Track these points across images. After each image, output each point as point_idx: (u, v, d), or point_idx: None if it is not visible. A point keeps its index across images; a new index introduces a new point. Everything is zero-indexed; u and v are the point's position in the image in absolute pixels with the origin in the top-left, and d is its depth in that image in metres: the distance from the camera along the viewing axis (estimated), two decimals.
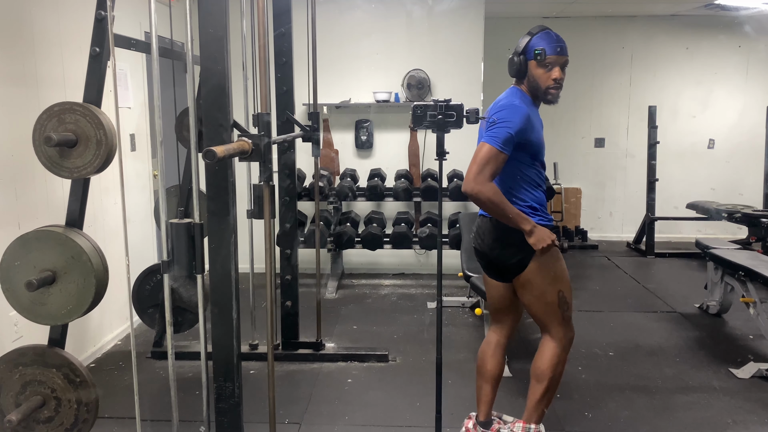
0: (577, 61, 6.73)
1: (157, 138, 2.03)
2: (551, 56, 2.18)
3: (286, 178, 3.45)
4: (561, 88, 2.23)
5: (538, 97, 2.25)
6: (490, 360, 2.49)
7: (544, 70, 2.19)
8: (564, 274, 2.30)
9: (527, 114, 2.17)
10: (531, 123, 2.18)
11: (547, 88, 2.20)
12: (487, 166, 2.12)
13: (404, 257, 5.42)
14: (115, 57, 2.03)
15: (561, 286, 2.28)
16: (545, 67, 2.19)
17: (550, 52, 2.17)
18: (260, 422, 2.67)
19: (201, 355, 2.17)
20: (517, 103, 2.20)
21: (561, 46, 2.20)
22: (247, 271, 3.39)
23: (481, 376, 2.52)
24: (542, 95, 2.23)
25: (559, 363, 2.35)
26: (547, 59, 2.18)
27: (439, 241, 2.35)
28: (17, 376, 2.20)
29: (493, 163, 2.12)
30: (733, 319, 4.15)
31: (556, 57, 2.18)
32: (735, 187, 6.57)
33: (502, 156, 2.13)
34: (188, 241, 1.98)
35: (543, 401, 2.37)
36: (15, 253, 2.12)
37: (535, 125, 2.22)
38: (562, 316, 2.31)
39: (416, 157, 5.20)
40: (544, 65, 2.19)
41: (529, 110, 2.20)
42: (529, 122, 2.17)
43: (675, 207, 6.40)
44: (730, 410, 2.92)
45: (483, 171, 2.12)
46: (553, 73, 2.19)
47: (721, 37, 6.37)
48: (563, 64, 2.21)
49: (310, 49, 3.32)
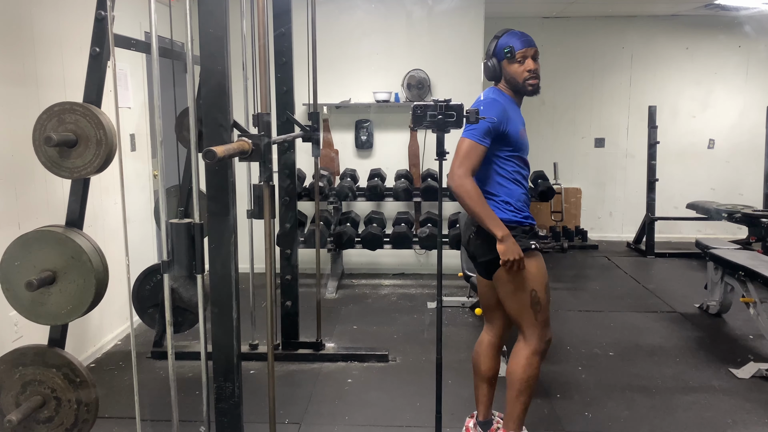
0: (577, 61, 6.76)
1: (157, 138, 2.03)
2: (520, 50, 2.26)
3: (286, 178, 3.45)
4: (538, 78, 2.29)
5: (520, 92, 2.31)
6: (484, 360, 2.50)
7: (517, 65, 2.26)
8: (539, 275, 2.28)
9: (503, 107, 2.25)
10: (507, 116, 2.25)
11: (525, 81, 2.27)
12: (467, 159, 2.20)
13: (404, 257, 5.42)
14: (115, 57, 2.03)
15: (535, 286, 2.26)
16: (518, 62, 2.26)
17: (518, 47, 2.26)
18: (260, 422, 2.67)
19: (201, 355, 2.17)
20: (494, 97, 2.30)
21: (527, 38, 2.28)
22: (247, 271, 3.39)
23: (476, 376, 2.53)
24: (522, 89, 2.29)
25: (530, 366, 2.30)
26: (516, 54, 2.25)
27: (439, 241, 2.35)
28: (17, 376, 2.20)
29: (473, 156, 2.20)
30: (733, 319, 4.15)
31: (525, 50, 2.26)
32: (735, 187, 6.57)
33: (480, 148, 2.21)
34: (188, 241, 1.98)
35: (516, 406, 2.34)
36: (15, 253, 2.12)
37: (513, 119, 2.27)
38: (535, 317, 2.29)
39: (416, 157, 5.20)
40: (516, 60, 2.26)
41: (507, 105, 2.28)
42: (506, 115, 2.25)
43: (675, 207, 6.40)
44: (730, 410, 2.92)
45: (463, 164, 2.20)
46: (526, 65, 2.26)
47: (721, 37, 6.37)
48: (534, 55, 2.28)
49: (310, 49, 3.32)
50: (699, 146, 6.63)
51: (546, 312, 2.30)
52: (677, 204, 6.32)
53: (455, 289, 4.92)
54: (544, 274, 2.29)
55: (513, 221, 2.27)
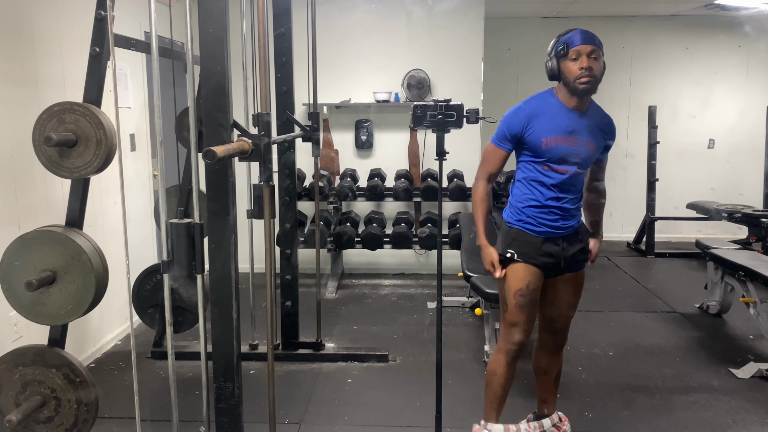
0: None
1: (157, 138, 2.03)
2: (574, 48, 2.19)
3: (286, 178, 3.45)
4: (593, 77, 2.19)
5: (573, 91, 2.23)
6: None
7: (571, 62, 2.20)
8: (509, 281, 2.32)
9: (526, 115, 2.24)
10: (530, 122, 2.23)
11: (576, 79, 2.19)
12: (485, 163, 2.36)
13: (404, 257, 5.42)
14: (115, 57, 2.03)
15: (508, 289, 2.33)
16: (572, 60, 2.20)
17: (573, 44, 2.20)
18: (260, 422, 2.67)
19: (201, 355, 2.17)
20: (525, 102, 2.30)
21: (586, 36, 2.20)
22: (247, 271, 3.39)
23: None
24: (574, 87, 2.21)
25: (492, 362, 2.40)
26: (570, 51, 2.20)
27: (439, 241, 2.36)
28: (17, 376, 2.20)
29: (490, 160, 2.34)
30: (733, 319, 4.14)
31: (579, 47, 2.19)
32: (735, 187, 6.57)
33: (498, 152, 2.31)
34: (188, 241, 1.98)
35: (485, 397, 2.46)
36: (15, 253, 2.12)
37: (540, 126, 2.23)
38: (504, 317, 2.37)
39: (416, 157, 5.20)
40: (570, 58, 2.20)
41: (540, 110, 2.25)
42: (528, 121, 2.23)
43: (675, 207, 6.40)
44: (730, 410, 2.92)
45: (481, 167, 2.37)
46: (580, 62, 2.18)
47: (721, 37, 6.37)
48: (590, 53, 2.19)
49: (310, 49, 3.32)
50: (699, 146, 6.63)
51: (514, 316, 2.32)
52: (677, 204, 6.32)
53: (455, 289, 4.92)
54: (517, 280, 2.30)
55: (507, 221, 2.38)
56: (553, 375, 2.53)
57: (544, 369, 2.52)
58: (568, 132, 2.25)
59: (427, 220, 4.94)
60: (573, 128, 2.25)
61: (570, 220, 2.35)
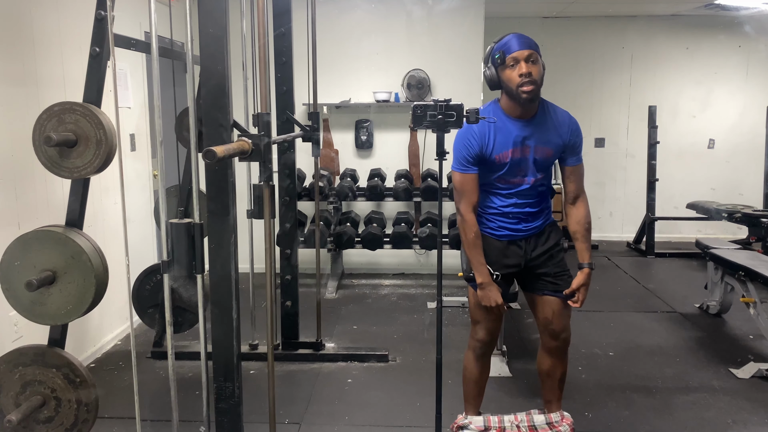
0: (577, 61, 6.75)
1: (157, 138, 2.03)
2: (510, 54, 2.11)
3: (286, 178, 3.45)
4: (534, 83, 2.10)
5: (515, 100, 2.16)
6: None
7: (509, 70, 2.13)
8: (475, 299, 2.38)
9: (477, 131, 2.20)
10: (483, 139, 2.20)
11: (518, 87, 2.11)
12: (462, 193, 2.28)
13: (404, 257, 5.42)
14: (115, 57, 2.03)
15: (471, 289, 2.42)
16: (509, 67, 2.13)
17: (509, 50, 2.11)
18: (260, 422, 2.67)
19: (201, 355, 2.17)
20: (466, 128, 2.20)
21: (522, 40, 2.12)
22: (247, 271, 3.39)
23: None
24: (517, 96, 2.14)
25: (465, 359, 2.53)
26: (507, 59, 2.12)
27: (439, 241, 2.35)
28: (17, 376, 2.20)
29: (465, 188, 2.26)
30: (733, 319, 4.14)
31: (516, 53, 2.10)
32: (735, 187, 6.57)
33: (468, 177, 2.25)
34: (188, 241, 1.98)
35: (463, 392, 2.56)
36: (15, 253, 2.12)
37: (491, 141, 2.21)
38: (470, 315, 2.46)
39: (416, 157, 5.20)
40: (508, 65, 2.13)
41: (488, 128, 2.20)
42: (481, 138, 2.20)
43: (675, 207, 6.40)
44: (730, 410, 2.92)
45: (461, 200, 2.29)
46: (518, 68, 2.10)
47: (721, 37, 6.37)
48: (528, 58, 2.10)
49: (310, 49, 3.32)
50: (699, 146, 6.63)
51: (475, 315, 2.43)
52: (677, 204, 6.32)
53: (455, 289, 4.92)
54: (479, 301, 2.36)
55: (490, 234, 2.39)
56: (557, 377, 2.50)
57: (548, 371, 2.50)
58: (515, 144, 2.22)
59: (427, 220, 4.94)
60: (523, 138, 2.22)
61: (533, 222, 2.35)
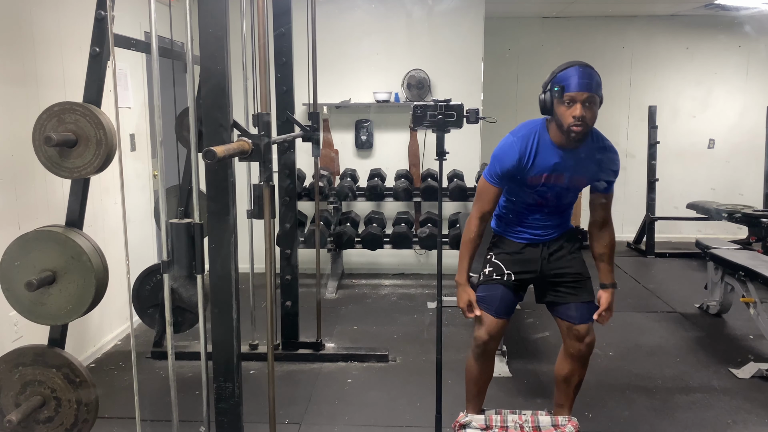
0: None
1: (157, 138, 2.03)
2: (569, 93, 2.08)
3: (286, 178, 3.45)
4: (585, 126, 2.10)
5: (565, 135, 2.15)
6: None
7: (564, 107, 2.10)
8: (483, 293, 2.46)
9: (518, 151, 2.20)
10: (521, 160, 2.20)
11: (569, 126, 2.10)
12: (479, 199, 2.33)
13: (404, 257, 5.41)
14: (115, 57, 2.03)
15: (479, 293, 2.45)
16: (566, 105, 2.10)
17: (569, 89, 2.08)
18: (260, 422, 2.67)
19: (201, 355, 2.17)
20: (517, 138, 2.22)
21: (584, 81, 2.08)
22: (247, 271, 3.39)
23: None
24: (565, 134, 2.13)
25: (468, 358, 2.52)
26: (565, 96, 2.09)
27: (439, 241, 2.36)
28: (17, 376, 2.20)
29: (483, 196, 2.31)
30: (733, 319, 4.14)
31: (575, 93, 2.07)
32: (735, 187, 6.57)
33: (491, 189, 2.29)
34: (188, 241, 1.97)
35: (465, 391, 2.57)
36: (15, 253, 2.12)
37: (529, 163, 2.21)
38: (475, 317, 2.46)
39: (416, 157, 5.20)
40: (564, 102, 2.10)
41: (534, 149, 2.20)
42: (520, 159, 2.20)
43: (675, 207, 6.40)
44: (730, 410, 2.92)
45: (475, 204, 2.35)
46: (573, 110, 2.08)
47: (721, 37, 6.37)
48: (586, 100, 2.08)
49: (310, 49, 3.32)
50: (699, 146, 6.63)
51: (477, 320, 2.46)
52: (677, 204, 6.32)
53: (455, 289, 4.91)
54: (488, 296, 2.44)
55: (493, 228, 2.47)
56: (574, 383, 2.45)
57: (566, 377, 2.45)
58: (553, 170, 2.23)
59: (427, 220, 4.93)
60: (560, 166, 2.22)
61: (552, 231, 2.41)
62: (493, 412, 2.57)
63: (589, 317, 2.35)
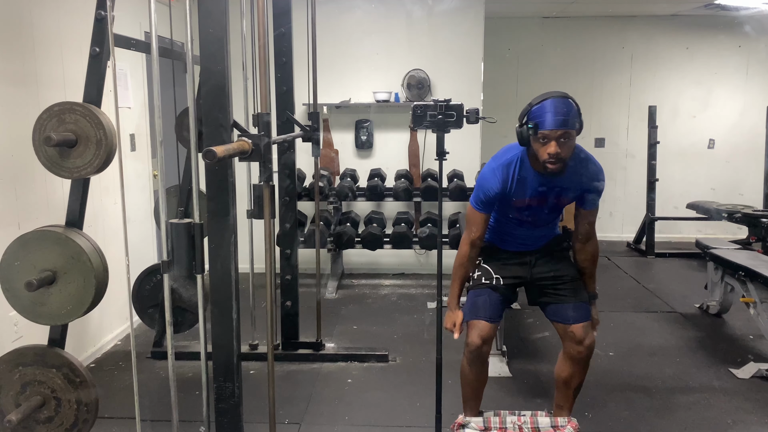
0: (577, 61, 6.75)
1: (157, 138, 2.03)
2: (543, 131, 2.08)
3: (286, 178, 3.45)
4: (561, 161, 2.12)
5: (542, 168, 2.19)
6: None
7: (539, 144, 2.12)
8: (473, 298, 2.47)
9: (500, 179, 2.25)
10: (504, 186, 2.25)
11: (544, 162, 2.14)
12: (468, 226, 2.40)
13: (404, 257, 5.41)
14: (115, 57, 2.03)
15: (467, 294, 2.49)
16: (540, 142, 2.11)
17: (543, 127, 2.07)
18: (260, 422, 2.67)
19: (201, 355, 2.17)
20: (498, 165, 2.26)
21: (557, 119, 2.06)
22: (247, 271, 3.39)
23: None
24: (542, 165, 2.17)
25: (462, 362, 2.55)
26: (539, 133, 2.08)
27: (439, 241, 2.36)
28: (17, 376, 2.20)
29: (472, 223, 2.37)
30: (733, 319, 4.14)
31: (549, 132, 2.07)
32: (735, 187, 6.57)
33: (479, 215, 2.34)
34: (188, 241, 1.98)
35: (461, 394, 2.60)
36: (15, 253, 2.12)
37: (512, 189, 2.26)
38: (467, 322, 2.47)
39: (416, 157, 5.20)
40: (539, 139, 2.10)
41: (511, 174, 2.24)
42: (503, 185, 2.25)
43: (675, 207, 6.40)
44: (730, 410, 2.92)
45: (466, 231, 2.41)
46: (548, 147, 2.09)
47: (721, 37, 6.37)
48: (560, 137, 2.07)
49: (310, 49, 3.32)
50: (699, 146, 6.63)
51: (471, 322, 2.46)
52: (677, 204, 6.32)
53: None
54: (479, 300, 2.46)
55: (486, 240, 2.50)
56: (573, 386, 2.45)
57: (566, 379, 2.44)
58: (535, 194, 2.28)
59: (427, 220, 4.94)
60: (542, 191, 2.27)
61: (540, 240, 2.46)
62: (492, 413, 2.57)
63: (583, 317, 2.35)
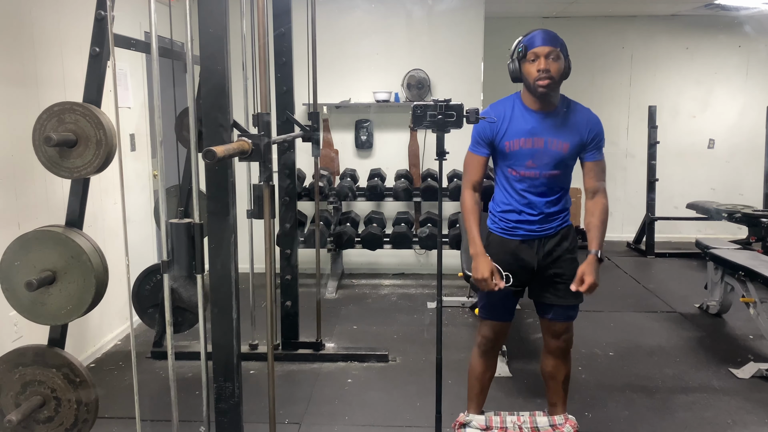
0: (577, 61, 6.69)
1: (157, 138, 2.03)
2: (532, 50, 2.17)
3: (286, 178, 3.45)
4: (552, 78, 2.16)
5: (534, 94, 2.22)
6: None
7: (529, 64, 2.19)
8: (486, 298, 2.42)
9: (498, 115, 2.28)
10: (498, 126, 2.26)
11: (535, 81, 2.17)
12: (466, 171, 2.39)
13: (404, 257, 5.41)
14: (115, 57, 2.03)
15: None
16: (530, 62, 2.18)
17: (531, 46, 2.17)
18: (260, 422, 2.67)
19: (201, 355, 2.17)
20: (491, 107, 2.34)
21: (545, 36, 2.17)
22: (247, 271, 3.39)
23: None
24: (533, 90, 2.20)
25: (471, 356, 2.54)
26: (528, 54, 2.18)
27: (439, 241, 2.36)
28: (17, 376, 2.20)
29: (469, 167, 2.36)
30: (733, 319, 4.14)
31: (537, 49, 2.16)
32: (735, 187, 6.56)
33: (476, 158, 2.35)
34: (188, 241, 1.97)
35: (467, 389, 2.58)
36: (15, 253, 2.12)
37: (504, 129, 2.26)
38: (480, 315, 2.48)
39: (416, 157, 5.20)
40: (529, 60, 2.18)
41: (504, 113, 2.28)
42: (496, 125, 2.26)
43: (675, 207, 6.39)
44: (730, 410, 2.92)
45: (464, 177, 2.40)
46: (538, 64, 2.16)
47: (721, 37, 6.37)
48: (548, 54, 2.16)
49: (310, 49, 3.32)
50: (699, 146, 6.63)
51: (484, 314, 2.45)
52: (677, 204, 6.32)
53: (455, 289, 4.92)
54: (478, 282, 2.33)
55: (488, 227, 2.44)
56: (560, 379, 2.48)
57: (551, 373, 2.48)
58: (530, 134, 2.25)
59: (427, 220, 4.94)
60: (536, 130, 2.25)
61: (548, 223, 2.35)
62: (492, 413, 2.58)
63: (570, 317, 2.42)
